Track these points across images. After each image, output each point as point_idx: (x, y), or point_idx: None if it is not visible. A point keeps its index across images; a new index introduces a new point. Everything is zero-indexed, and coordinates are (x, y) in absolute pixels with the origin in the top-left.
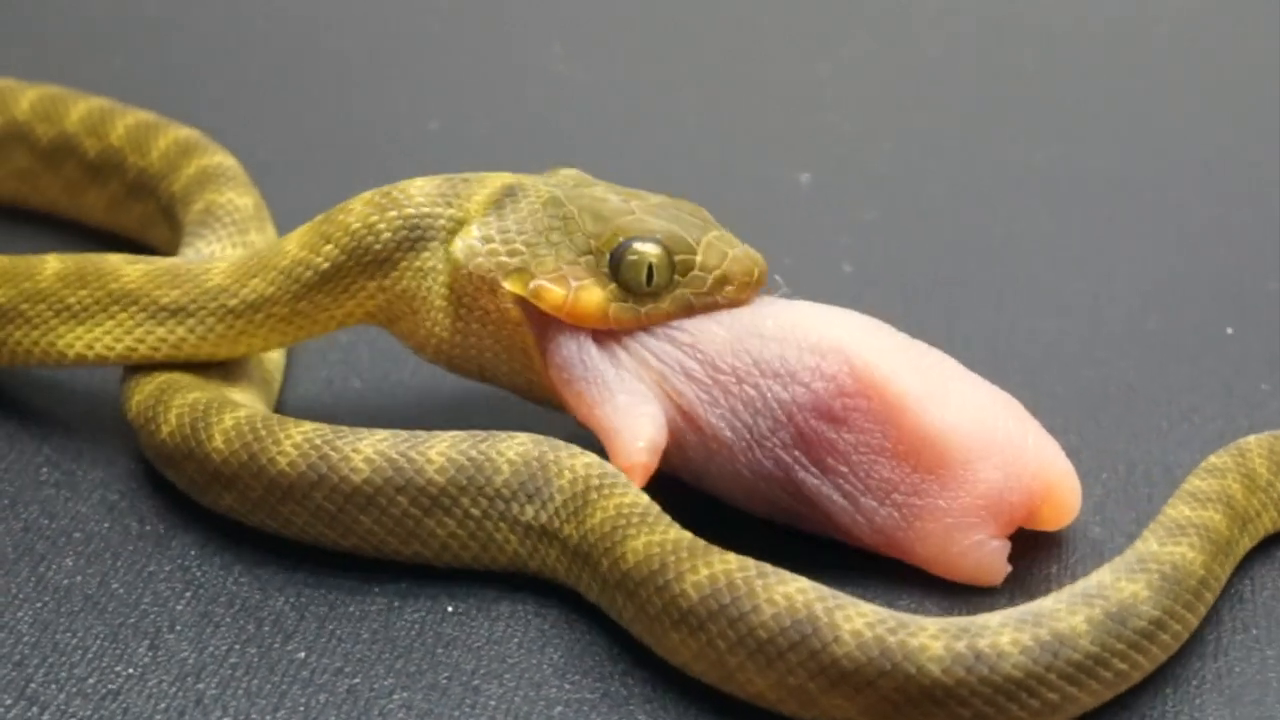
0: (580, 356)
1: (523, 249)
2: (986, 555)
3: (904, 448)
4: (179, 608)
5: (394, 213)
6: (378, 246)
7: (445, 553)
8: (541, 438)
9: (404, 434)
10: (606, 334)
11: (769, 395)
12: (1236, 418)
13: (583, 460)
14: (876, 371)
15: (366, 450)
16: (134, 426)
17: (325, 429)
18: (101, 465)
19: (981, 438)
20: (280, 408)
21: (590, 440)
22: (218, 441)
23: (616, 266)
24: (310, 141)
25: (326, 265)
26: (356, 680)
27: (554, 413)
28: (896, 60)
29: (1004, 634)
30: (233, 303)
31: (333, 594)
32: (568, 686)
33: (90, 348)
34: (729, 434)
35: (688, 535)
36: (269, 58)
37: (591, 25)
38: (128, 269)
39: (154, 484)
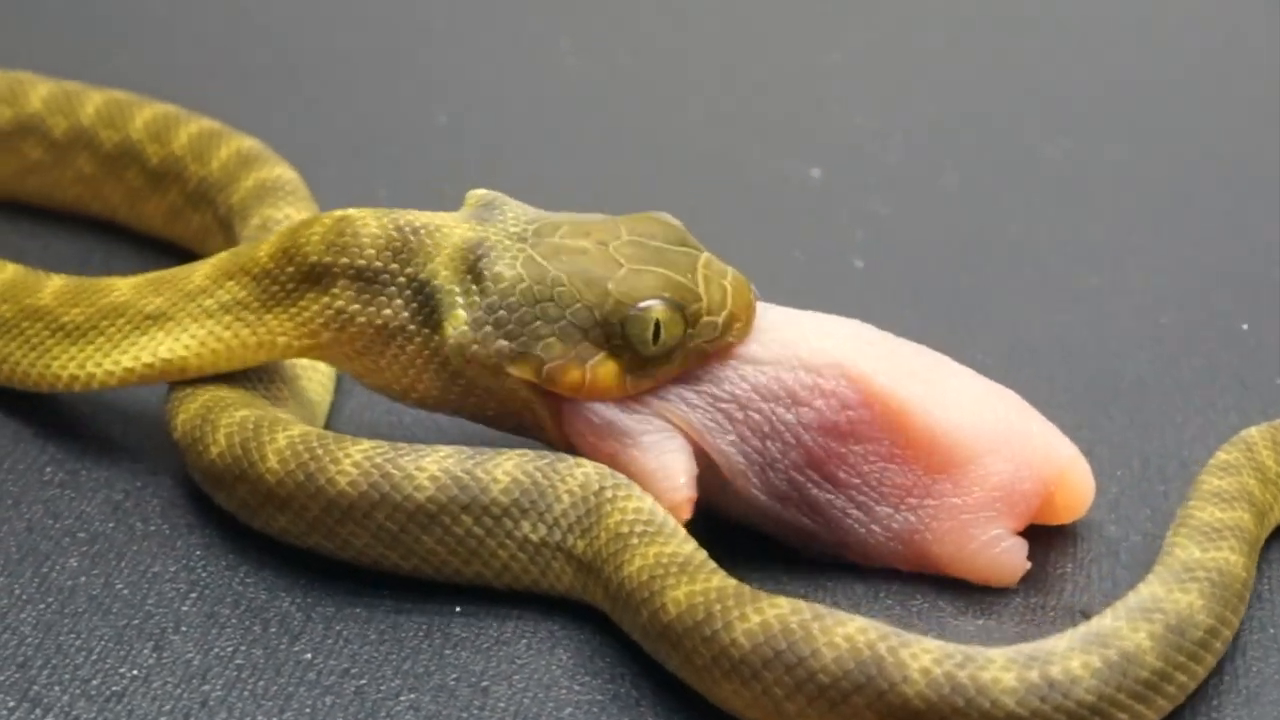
0: (591, 417)
1: (519, 329)
2: (1004, 552)
3: (912, 452)
4: (184, 609)
5: (345, 259)
6: (332, 287)
7: (505, 574)
8: (606, 471)
9: (467, 450)
10: None
11: (774, 419)
12: (1251, 412)
13: (634, 504)
14: (874, 381)
15: (431, 468)
16: (180, 446)
17: (384, 446)
18: (106, 464)
19: (987, 432)
20: (331, 425)
21: None
22: (271, 461)
23: (625, 335)
24: (318, 136)
25: (291, 286)
26: (364, 682)
27: None
28: (906, 52)
29: (1073, 659)
30: (208, 303)
31: (339, 595)
32: (577, 688)
33: (82, 367)
34: (740, 460)
35: (732, 582)
36: (275, 53)
37: (599, 19)
38: (120, 283)
39: (158, 483)
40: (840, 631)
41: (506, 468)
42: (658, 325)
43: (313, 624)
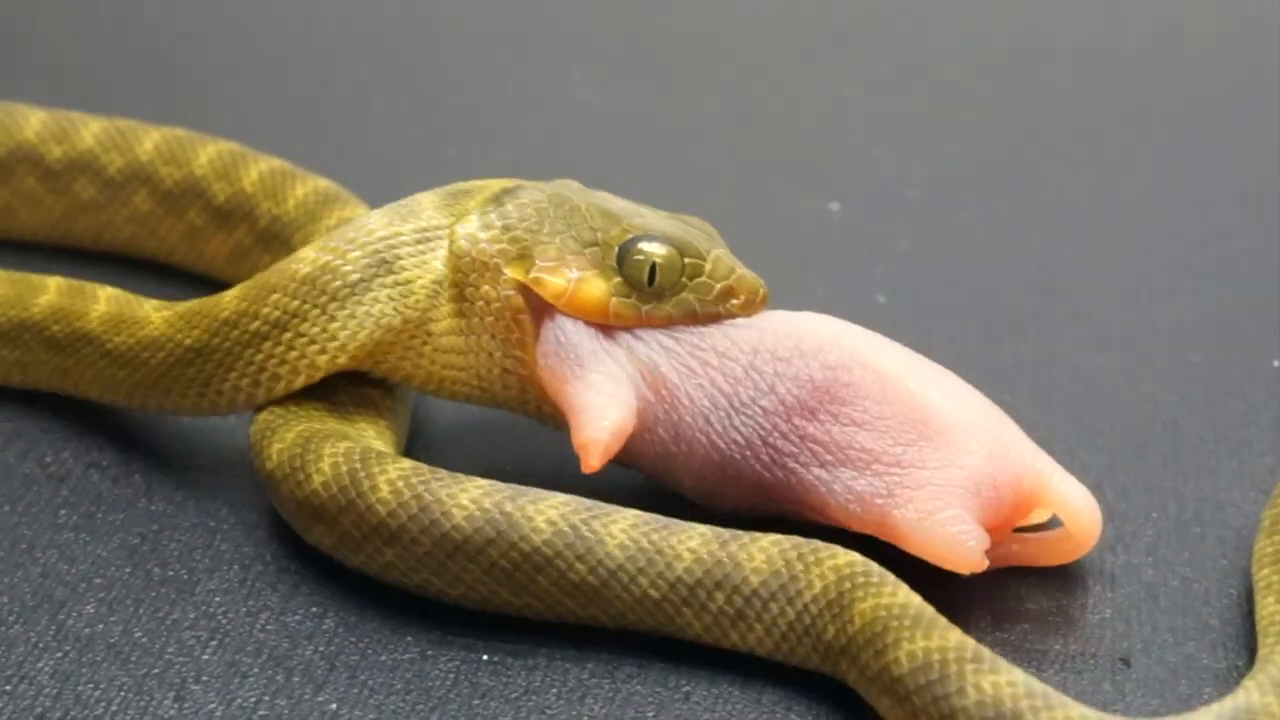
0: (561, 337)
1: (524, 236)
2: (963, 534)
3: (886, 421)
4: (205, 657)
5: (412, 224)
6: (400, 259)
7: (622, 620)
8: (724, 533)
9: (586, 502)
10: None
11: (751, 367)
12: None
13: (771, 548)
14: (858, 350)
15: (549, 513)
16: (274, 478)
17: (501, 486)
18: (121, 507)
19: (965, 418)
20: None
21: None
22: (383, 492)
23: (622, 261)
24: (328, 169)
25: (355, 275)
26: None
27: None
28: (926, 85)
29: None
30: (255, 325)
31: (363, 642)
32: None
33: (131, 395)
34: (705, 402)
35: (916, 600)
36: (285, 85)
37: (612, 51)
38: (154, 315)
39: (175, 527)
40: (990, 679)
41: (623, 525)
42: (654, 266)
43: (337, 673)
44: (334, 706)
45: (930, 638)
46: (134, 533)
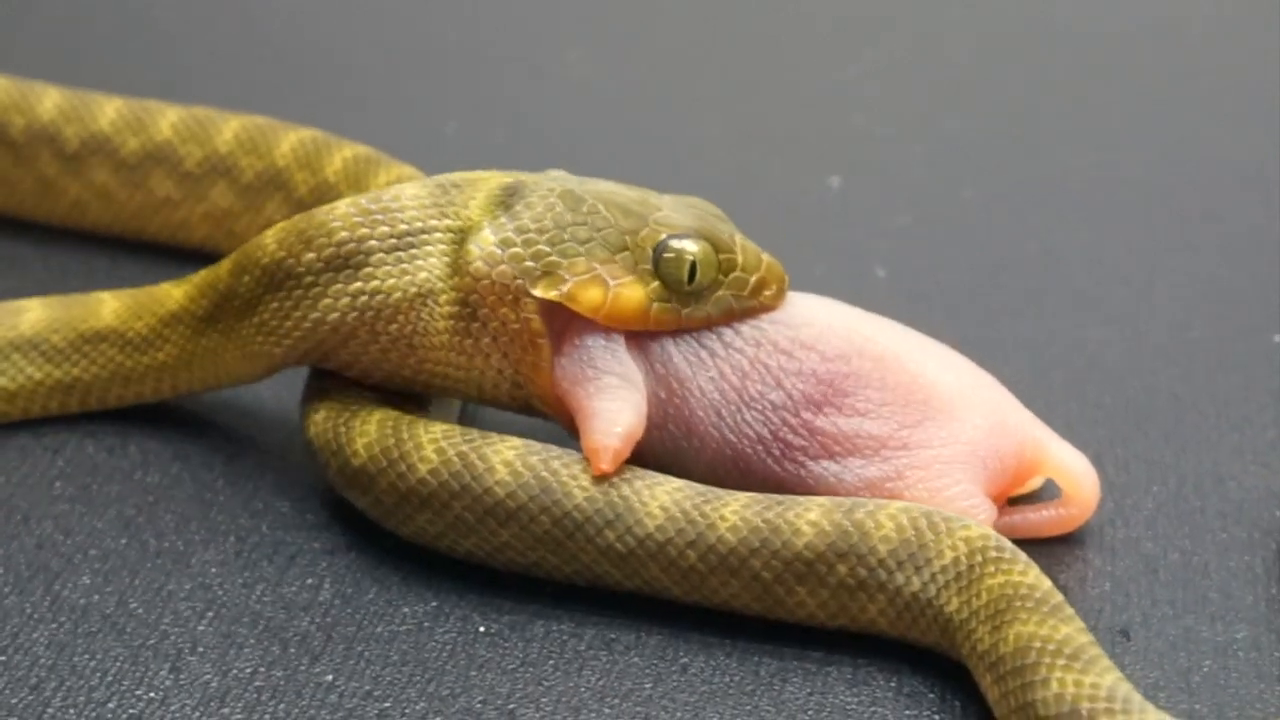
0: (579, 345)
1: (547, 249)
2: (973, 507)
3: (890, 407)
4: (200, 628)
5: (385, 226)
6: (364, 263)
7: (729, 605)
8: (845, 502)
9: (699, 488)
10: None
11: (757, 361)
12: None
13: (900, 515)
14: (854, 335)
15: (662, 498)
16: (366, 474)
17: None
18: (117, 479)
19: (965, 392)
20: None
21: None
22: (501, 473)
23: (657, 264)
24: None
25: (306, 275)
26: (387, 704)
27: None
28: (928, 61)
29: None
30: (196, 323)
31: (360, 614)
32: (607, 711)
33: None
34: (716, 395)
35: (1046, 584)
36: (282, 62)
37: (611, 28)
38: (107, 302)
39: (170, 498)
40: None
41: (734, 507)
42: (693, 264)
43: (333, 645)
44: (330, 678)
45: (1043, 625)
46: (130, 504)
